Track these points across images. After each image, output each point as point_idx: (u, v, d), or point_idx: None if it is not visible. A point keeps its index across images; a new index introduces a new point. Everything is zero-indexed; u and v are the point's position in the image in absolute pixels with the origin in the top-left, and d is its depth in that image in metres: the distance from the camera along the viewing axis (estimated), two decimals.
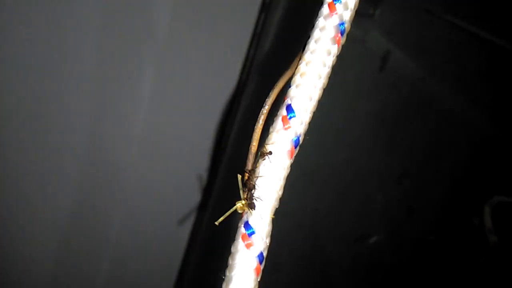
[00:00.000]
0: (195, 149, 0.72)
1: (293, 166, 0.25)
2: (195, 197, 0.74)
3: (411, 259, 0.75)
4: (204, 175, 0.72)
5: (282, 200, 0.25)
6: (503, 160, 0.69)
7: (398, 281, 0.73)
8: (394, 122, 0.79)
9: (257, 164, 0.25)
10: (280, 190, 0.25)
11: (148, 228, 0.75)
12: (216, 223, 0.26)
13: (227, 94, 0.70)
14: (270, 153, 0.25)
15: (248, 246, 0.24)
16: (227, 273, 0.25)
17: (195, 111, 0.70)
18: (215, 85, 0.71)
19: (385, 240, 0.69)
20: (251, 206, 0.25)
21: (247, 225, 0.24)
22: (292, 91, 0.25)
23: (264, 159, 0.25)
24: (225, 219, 0.26)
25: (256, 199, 0.25)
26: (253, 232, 0.24)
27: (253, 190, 0.25)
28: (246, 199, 0.25)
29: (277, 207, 0.25)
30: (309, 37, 0.25)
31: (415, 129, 0.81)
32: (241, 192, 0.25)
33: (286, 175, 0.25)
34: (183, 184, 0.73)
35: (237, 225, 0.25)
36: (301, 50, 0.27)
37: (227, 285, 0.24)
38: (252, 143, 0.25)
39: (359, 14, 0.25)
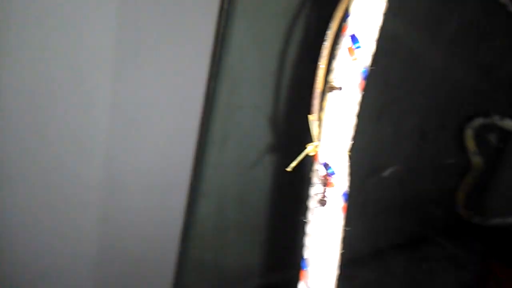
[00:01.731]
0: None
1: None
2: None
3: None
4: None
5: None
6: (478, 88, 0.71)
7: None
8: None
9: (324, 103, 0.24)
10: (354, 126, 0.24)
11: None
12: (288, 168, 0.25)
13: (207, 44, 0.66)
14: (340, 88, 0.23)
15: (329, 186, 0.23)
16: (311, 217, 0.24)
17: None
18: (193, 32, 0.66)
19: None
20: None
21: (326, 166, 0.23)
22: (354, 20, 0.24)
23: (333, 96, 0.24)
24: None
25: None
26: (333, 173, 0.23)
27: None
28: (319, 140, 0.24)
29: (352, 143, 0.24)
30: None
31: (386, 67, 0.82)
32: (312, 133, 0.24)
33: (358, 111, 0.24)
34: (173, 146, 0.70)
35: (311, 169, 0.24)
36: None
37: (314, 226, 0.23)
38: (317, 82, 0.24)
39: None
